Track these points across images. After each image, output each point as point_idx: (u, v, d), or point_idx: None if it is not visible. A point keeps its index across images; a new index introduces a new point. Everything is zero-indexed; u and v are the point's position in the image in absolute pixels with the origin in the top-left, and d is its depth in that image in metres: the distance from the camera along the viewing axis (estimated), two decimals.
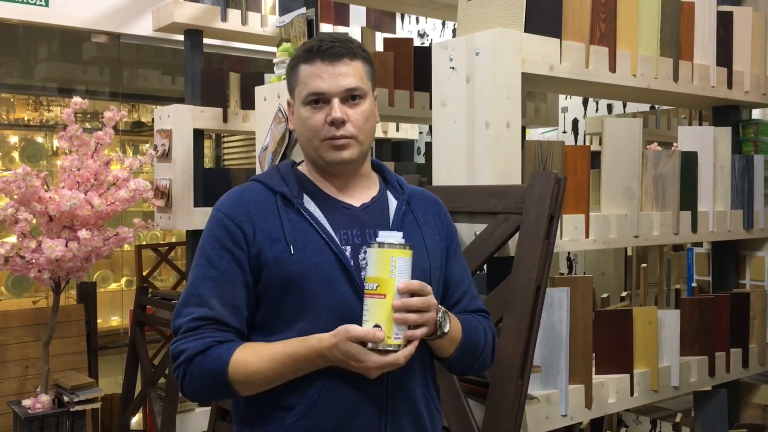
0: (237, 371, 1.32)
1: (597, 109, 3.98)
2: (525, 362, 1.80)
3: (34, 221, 3.41)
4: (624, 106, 3.84)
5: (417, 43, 4.75)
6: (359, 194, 1.49)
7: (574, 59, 2.18)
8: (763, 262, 2.83)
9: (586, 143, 4.00)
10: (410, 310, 1.28)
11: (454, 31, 4.84)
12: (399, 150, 4.91)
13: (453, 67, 2.10)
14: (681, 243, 2.91)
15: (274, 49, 2.89)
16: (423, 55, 2.95)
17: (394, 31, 4.88)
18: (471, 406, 1.90)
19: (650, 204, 2.40)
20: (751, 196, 2.72)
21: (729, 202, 2.65)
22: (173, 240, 5.34)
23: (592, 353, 2.15)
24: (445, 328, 1.38)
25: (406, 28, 5.33)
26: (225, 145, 6.58)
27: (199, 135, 4.06)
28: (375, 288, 1.28)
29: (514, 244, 1.92)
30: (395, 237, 1.30)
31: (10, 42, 5.20)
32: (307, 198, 1.45)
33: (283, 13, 2.80)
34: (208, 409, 3.62)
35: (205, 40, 4.19)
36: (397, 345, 1.28)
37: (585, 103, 4.04)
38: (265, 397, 1.37)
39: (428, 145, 4.62)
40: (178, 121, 3.99)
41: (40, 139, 5.66)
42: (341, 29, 4.53)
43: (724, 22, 2.70)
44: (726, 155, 2.63)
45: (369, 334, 1.26)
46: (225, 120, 4.09)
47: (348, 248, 1.40)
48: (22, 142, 5.58)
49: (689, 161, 2.49)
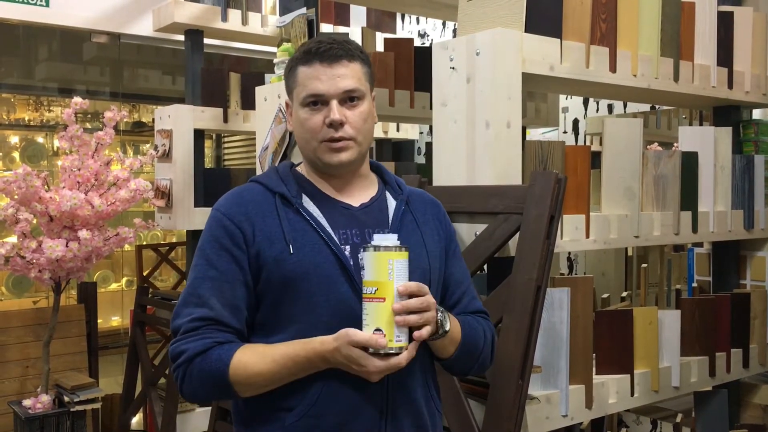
0: (238, 372, 1.32)
1: (597, 110, 3.98)
2: (525, 362, 1.79)
3: (34, 221, 3.41)
4: (624, 106, 3.83)
5: (417, 43, 4.76)
6: (358, 194, 1.49)
7: (575, 59, 2.18)
8: (764, 263, 2.83)
9: (587, 143, 4.00)
10: (410, 312, 1.28)
11: (454, 31, 4.83)
12: (399, 150, 4.91)
13: (453, 67, 2.10)
14: (681, 243, 2.91)
15: (275, 50, 2.89)
16: (423, 55, 2.95)
17: (394, 31, 4.88)
18: (471, 406, 1.90)
19: (651, 204, 2.40)
20: (752, 197, 2.72)
21: (729, 203, 2.65)
22: (174, 240, 5.34)
23: (593, 353, 2.15)
24: (447, 327, 1.38)
25: (407, 28, 5.32)
26: (225, 146, 6.58)
27: (199, 135, 4.07)
28: (374, 292, 1.27)
29: (515, 244, 1.92)
30: (391, 240, 1.30)
31: (11, 42, 5.20)
32: (306, 198, 1.45)
33: (283, 13, 2.80)
34: (209, 409, 3.62)
35: (206, 40, 4.19)
36: (399, 348, 1.28)
37: (585, 103, 4.04)
38: (266, 397, 1.36)
39: (429, 146, 4.62)
40: (179, 121, 3.99)
41: (40, 140, 5.66)
42: (342, 29, 4.53)
43: (725, 22, 2.70)
44: (726, 155, 2.63)
45: (371, 340, 1.26)
46: (225, 120, 4.10)
47: (347, 248, 1.40)
48: (23, 142, 5.59)
49: (690, 161, 2.49)
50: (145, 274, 4.69)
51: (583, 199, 2.13)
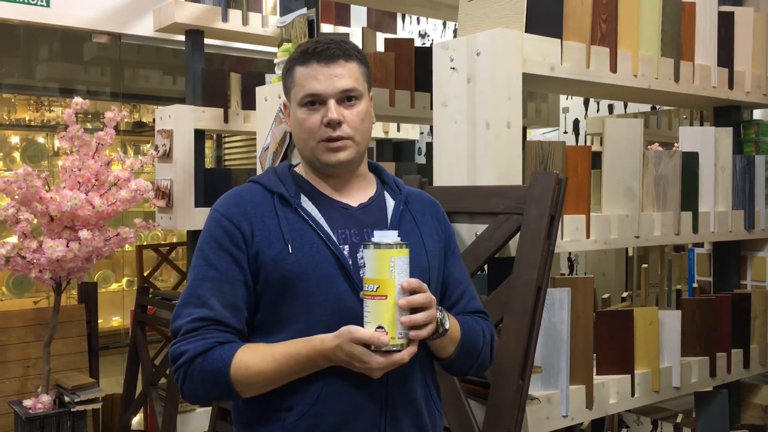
0: (239, 372, 1.32)
1: (598, 110, 3.98)
2: (526, 363, 1.79)
3: (35, 221, 3.41)
4: (625, 106, 3.83)
5: (418, 43, 4.76)
6: (356, 194, 1.49)
7: (575, 59, 2.18)
8: (765, 263, 2.83)
9: (587, 143, 4.00)
10: (413, 309, 1.28)
11: (455, 31, 4.83)
12: (400, 150, 4.91)
13: (454, 68, 2.10)
14: (682, 243, 2.91)
15: (275, 50, 2.89)
16: (424, 56, 2.95)
17: (395, 32, 4.88)
18: (472, 406, 1.90)
19: (651, 204, 2.40)
20: (752, 197, 2.72)
21: (730, 203, 2.65)
22: (174, 240, 5.35)
23: (593, 354, 2.15)
24: (446, 326, 1.38)
25: (407, 29, 5.32)
26: (226, 146, 6.58)
27: (200, 135, 4.07)
28: (375, 289, 1.27)
29: (515, 244, 1.92)
30: (391, 237, 1.30)
31: (12, 42, 5.20)
32: (304, 198, 1.45)
33: (284, 13, 2.80)
34: (209, 409, 3.62)
35: (206, 41, 4.20)
36: (401, 345, 1.28)
37: (586, 104, 4.04)
38: (265, 397, 1.36)
39: (429, 146, 4.62)
40: (179, 121, 3.99)
41: (41, 140, 5.67)
42: (342, 29, 4.53)
43: (725, 23, 2.70)
44: (727, 156, 2.63)
45: (373, 338, 1.26)
46: (226, 120, 4.10)
47: (346, 247, 1.40)
48: (24, 143, 5.59)
49: (690, 162, 2.49)
50: (145, 275, 4.70)
51: (583, 199, 2.13)
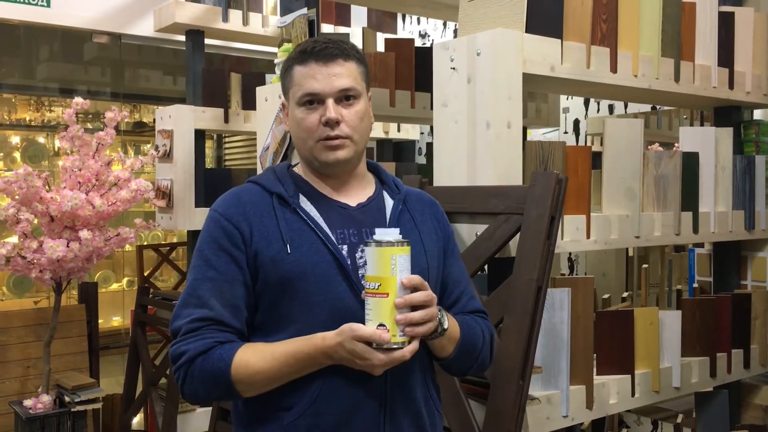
0: (239, 371, 1.32)
1: (598, 110, 3.98)
2: (526, 363, 1.79)
3: (35, 221, 3.41)
4: (625, 106, 3.83)
5: (418, 43, 4.76)
6: (355, 194, 1.49)
7: (576, 60, 2.18)
8: (765, 263, 2.83)
9: (588, 144, 4.00)
10: (414, 307, 1.28)
11: (455, 31, 4.83)
12: (400, 150, 4.91)
13: (454, 68, 2.10)
14: (682, 243, 2.91)
15: (276, 50, 2.89)
16: (424, 56, 2.95)
17: (395, 32, 4.88)
18: (472, 406, 1.90)
19: (651, 204, 2.40)
20: (753, 197, 2.72)
21: (730, 203, 2.64)
22: (174, 240, 5.35)
23: (593, 354, 2.15)
24: (445, 325, 1.38)
25: (408, 29, 5.33)
26: (226, 146, 6.58)
27: (200, 135, 4.07)
28: (377, 287, 1.27)
29: (515, 244, 1.92)
30: (393, 234, 1.30)
31: (12, 42, 5.20)
32: (303, 198, 1.45)
33: (284, 13, 2.80)
34: (209, 409, 3.62)
35: (207, 41, 4.20)
36: (402, 342, 1.28)
37: (586, 104, 4.04)
38: (264, 397, 1.36)
39: (429, 146, 4.62)
40: (180, 121, 3.99)
41: (41, 140, 5.67)
42: (342, 30, 4.53)
43: (726, 23, 2.70)
44: (727, 156, 2.63)
45: (375, 335, 1.26)
46: (226, 120, 4.10)
47: (345, 247, 1.40)
48: (24, 143, 5.59)
49: (690, 162, 2.49)
50: (145, 275, 4.70)
51: (583, 199, 2.13)
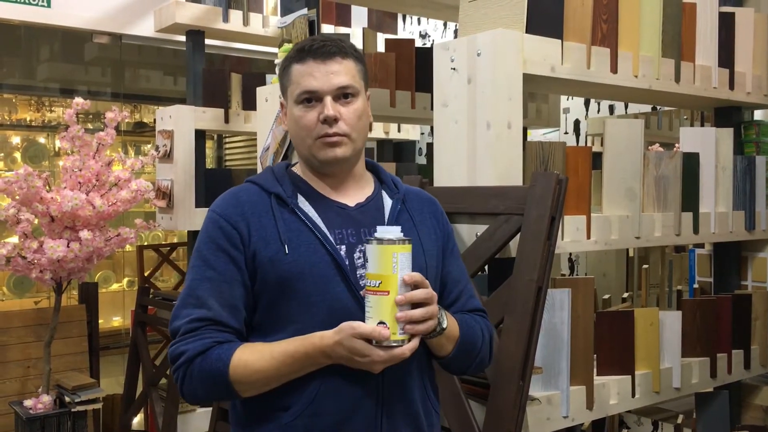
0: (238, 371, 1.32)
1: (599, 110, 3.98)
2: (526, 363, 1.79)
3: (35, 222, 3.42)
4: (626, 107, 3.83)
5: (418, 43, 4.75)
6: (354, 194, 1.49)
7: (576, 60, 2.18)
8: (765, 264, 2.82)
9: (588, 144, 4.00)
10: (414, 305, 1.28)
11: (455, 32, 4.83)
12: (401, 151, 4.91)
13: (454, 68, 2.10)
14: (683, 244, 2.91)
15: (276, 50, 2.89)
16: (424, 56, 2.95)
17: (395, 32, 4.88)
18: (472, 407, 1.90)
19: (652, 205, 2.40)
20: (753, 197, 2.72)
21: (731, 203, 2.64)
22: (175, 240, 5.35)
23: (594, 354, 2.15)
24: (444, 324, 1.38)
25: (408, 29, 5.33)
26: (226, 146, 6.58)
27: (200, 135, 4.07)
28: (377, 285, 1.27)
29: (516, 245, 1.92)
30: (394, 232, 1.30)
31: (12, 42, 5.20)
32: (301, 198, 1.45)
33: (284, 13, 2.80)
34: (210, 409, 3.62)
35: (207, 41, 4.20)
36: (402, 340, 1.28)
37: (587, 104, 4.04)
38: (263, 397, 1.36)
39: (430, 146, 4.62)
40: (180, 121, 3.99)
41: (42, 140, 5.67)
42: (343, 30, 4.53)
43: (726, 23, 2.70)
44: (728, 156, 2.63)
45: (375, 332, 1.26)
46: (226, 121, 4.10)
47: (343, 247, 1.40)
48: (24, 143, 5.59)
49: (691, 162, 2.48)
50: (146, 275, 4.70)
51: (584, 199, 2.13)
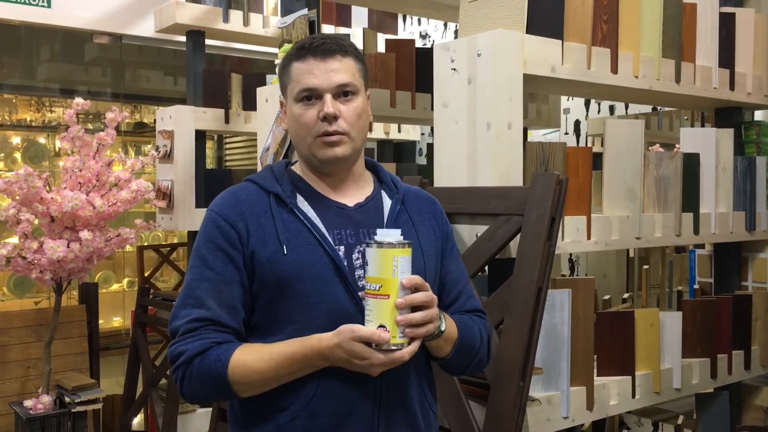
0: (236, 372, 1.32)
1: (599, 111, 3.98)
2: (526, 364, 1.79)
3: (36, 222, 3.41)
4: (626, 107, 3.83)
5: (419, 44, 4.75)
6: (353, 193, 1.49)
7: (576, 60, 2.18)
8: (766, 264, 2.82)
9: (588, 144, 4.00)
10: (414, 308, 1.28)
11: (455, 32, 4.83)
12: (401, 151, 4.91)
13: (454, 69, 2.10)
14: (683, 244, 2.90)
15: (276, 50, 2.89)
16: (425, 57, 2.95)
17: (396, 32, 4.88)
18: (472, 407, 1.90)
19: (652, 205, 2.40)
20: (754, 198, 2.72)
21: (731, 204, 2.64)
22: (175, 241, 5.35)
23: (594, 355, 2.15)
24: (442, 327, 1.37)
25: (408, 30, 5.33)
26: (227, 146, 6.58)
27: (200, 136, 4.07)
28: (378, 288, 1.27)
29: (516, 245, 1.92)
30: (394, 235, 1.29)
31: (13, 43, 5.20)
32: (300, 198, 1.44)
33: (284, 14, 2.80)
34: (210, 410, 3.62)
35: (207, 41, 4.20)
36: (401, 343, 1.28)
37: (587, 105, 4.04)
38: (260, 397, 1.36)
39: (430, 147, 4.62)
40: (180, 122, 3.99)
41: (42, 140, 5.67)
42: (343, 30, 4.53)
43: (727, 24, 2.70)
44: (728, 157, 2.63)
45: (375, 335, 1.25)
46: (227, 121, 4.10)
47: (341, 248, 1.40)
48: (25, 143, 5.59)
49: (691, 163, 2.48)
50: (146, 275, 4.70)
51: (584, 200, 2.13)
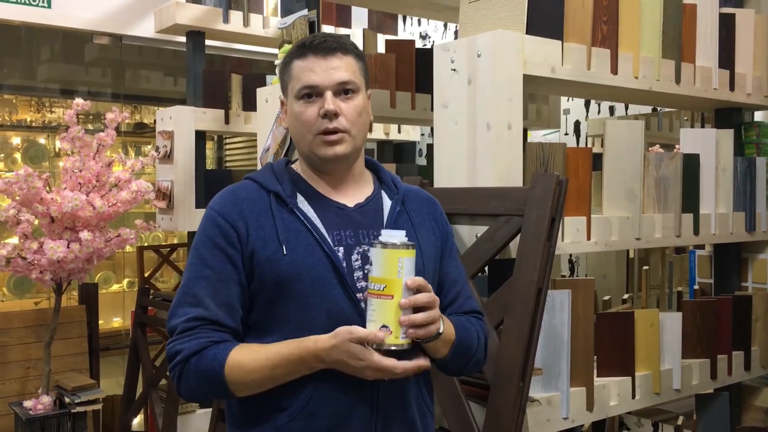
0: (233, 372, 1.32)
1: (599, 111, 3.98)
2: (526, 364, 1.79)
3: (35, 222, 3.41)
4: (626, 108, 3.83)
5: (419, 44, 4.75)
6: (353, 193, 1.48)
7: (576, 61, 2.18)
8: (766, 265, 2.82)
9: (588, 145, 4.00)
10: (416, 309, 1.28)
11: (455, 33, 4.83)
12: (401, 152, 4.91)
13: (454, 69, 2.10)
14: (683, 245, 2.91)
15: (276, 51, 2.89)
16: (425, 57, 2.95)
17: (395, 33, 4.88)
18: (472, 408, 1.90)
19: (652, 206, 2.40)
20: (754, 199, 2.72)
21: (731, 205, 2.64)
22: (175, 241, 5.35)
23: (594, 356, 2.15)
24: (440, 329, 1.37)
25: (408, 30, 5.33)
26: (227, 147, 6.59)
27: (200, 136, 4.07)
28: (382, 289, 1.27)
29: (516, 246, 1.92)
30: (399, 237, 1.29)
31: (13, 43, 5.21)
32: (300, 198, 1.44)
33: (284, 14, 2.80)
34: (209, 410, 3.62)
35: (207, 42, 4.20)
36: (403, 344, 1.28)
37: (587, 105, 4.04)
38: (258, 398, 1.36)
39: (430, 147, 4.62)
40: (180, 122, 3.99)
41: (42, 141, 5.67)
42: (343, 31, 4.53)
43: (726, 24, 2.70)
44: (728, 157, 2.63)
45: (371, 335, 1.26)
46: (227, 121, 4.10)
47: (340, 249, 1.39)
48: (25, 144, 5.59)
49: (691, 163, 2.48)
50: (146, 276, 4.70)
51: (584, 200, 2.13)
